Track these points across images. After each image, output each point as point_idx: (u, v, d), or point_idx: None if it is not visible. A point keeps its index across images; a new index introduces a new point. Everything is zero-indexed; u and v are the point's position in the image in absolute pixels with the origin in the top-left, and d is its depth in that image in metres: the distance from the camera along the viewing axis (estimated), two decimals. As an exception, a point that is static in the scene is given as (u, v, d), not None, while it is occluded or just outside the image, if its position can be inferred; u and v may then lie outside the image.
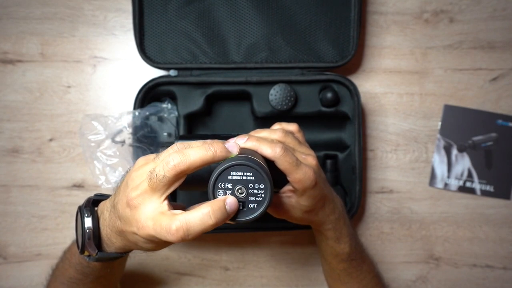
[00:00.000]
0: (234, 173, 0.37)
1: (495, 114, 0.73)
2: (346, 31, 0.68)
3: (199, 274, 0.73)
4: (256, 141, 0.43)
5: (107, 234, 0.44)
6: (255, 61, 0.68)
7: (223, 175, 0.37)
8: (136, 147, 0.65)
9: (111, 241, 0.44)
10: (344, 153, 0.69)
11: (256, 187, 0.37)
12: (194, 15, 0.68)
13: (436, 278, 0.74)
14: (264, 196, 0.37)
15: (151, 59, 0.68)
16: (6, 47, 0.71)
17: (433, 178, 0.74)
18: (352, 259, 0.55)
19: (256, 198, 0.37)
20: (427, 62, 0.73)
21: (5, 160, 0.71)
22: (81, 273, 0.50)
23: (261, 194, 0.37)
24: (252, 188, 0.37)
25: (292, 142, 0.48)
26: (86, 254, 0.45)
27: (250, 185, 0.37)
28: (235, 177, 0.37)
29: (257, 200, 0.37)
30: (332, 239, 0.52)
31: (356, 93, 0.66)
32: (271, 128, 0.50)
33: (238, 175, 0.37)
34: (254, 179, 0.37)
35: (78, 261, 0.49)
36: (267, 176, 0.37)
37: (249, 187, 0.37)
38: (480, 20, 0.73)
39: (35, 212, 0.72)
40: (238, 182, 0.37)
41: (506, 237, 0.74)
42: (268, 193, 0.37)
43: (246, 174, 0.37)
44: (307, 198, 0.46)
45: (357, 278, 0.56)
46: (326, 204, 0.50)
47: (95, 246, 0.43)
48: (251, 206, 0.37)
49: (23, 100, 0.72)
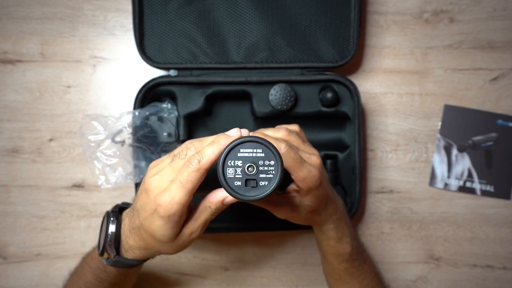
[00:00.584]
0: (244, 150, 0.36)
1: (495, 114, 0.73)
2: (346, 31, 0.68)
3: (199, 274, 0.73)
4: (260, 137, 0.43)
5: (126, 237, 0.47)
6: (255, 61, 0.68)
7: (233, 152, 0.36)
8: (136, 147, 0.65)
9: (129, 244, 0.47)
10: (344, 153, 0.69)
11: (266, 163, 0.37)
12: (194, 15, 0.68)
13: (436, 278, 0.74)
14: (274, 173, 0.37)
15: (151, 59, 0.68)
16: (6, 47, 0.71)
17: (433, 178, 0.74)
18: (353, 259, 0.55)
19: (267, 175, 0.37)
20: (427, 62, 0.73)
21: (5, 160, 0.71)
22: (98, 278, 0.53)
23: (271, 170, 0.37)
24: (262, 165, 0.37)
25: (296, 141, 0.48)
26: (105, 257, 0.48)
27: (260, 161, 0.36)
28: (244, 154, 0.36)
29: (267, 177, 0.37)
30: (334, 239, 0.53)
31: (356, 93, 0.66)
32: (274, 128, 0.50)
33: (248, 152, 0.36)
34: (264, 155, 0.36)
35: (96, 266, 0.52)
36: (277, 151, 0.37)
37: (259, 163, 0.36)
38: (480, 20, 0.73)
39: (35, 212, 0.72)
40: (248, 159, 0.36)
41: (506, 237, 0.74)
42: (278, 169, 0.37)
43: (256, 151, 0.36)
44: (311, 198, 0.46)
45: (358, 278, 0.57)
46: (329, 204, 0.50)
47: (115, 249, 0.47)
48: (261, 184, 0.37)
49: (23, 100, 0.72)
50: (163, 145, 0.66)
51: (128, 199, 0.72)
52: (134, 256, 0.48)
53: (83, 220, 0.72)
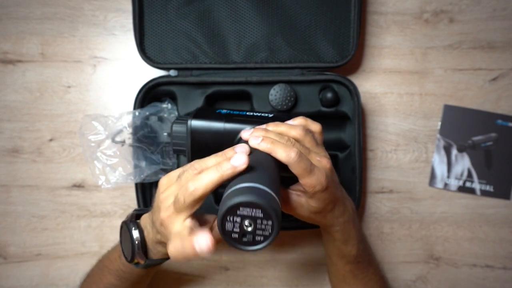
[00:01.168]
0: (243, 209, 0.37)
1: (495, 114, 0.73)
2: (346, 31, 0.68)
3: (199, 274, 0.73)
4: (270, 144, 0.42)
5: (153, 244, 0.48)
6: (255, 61, 0.68)
7: (233, 210, 0.37)
8: (136, 147, 0.65)
9: (157, 249, 0.48)
10: (344, 153, 0.69)
11: (264, 222, 0.37)
12: (194, 15, 0.68)
13: (436, 278, 0.74)
14: (270, 232, 0.38)
15: (151, 59, 0.68)
16: (6, 47, 0.71)
17: (433, 178, 0.74)
18: (358, 261, 0.54)
19: (263, 232, 0.38)
20: (427, 62, 0.73)
21: (5, 160, 0.71)
22: (120, 278, 0.54)
23: (268, 229, 0.37)
24: (260, 224, 0.37)
25: (310, 143, 0.46)
26: (135, 262, 0.50)
27: (258, 220, 0.37)
28: (243, 213, 0.37)
29: (263, 234, 0.38)
30: (340, 240, 0.52)
31: (356, 93, 0.66)
32: (291, 122, 0.49)
33: (247, 211, 0.37)
34: (263, 216, 0.37)
35: (117, 268, 0.54)
36: (275, 213, 0.37)
37: (257, 222, 0.37)
38: (480, 20, 0.73)
39: (35, 212, 0.72)
40: (247, 217, 0.37)
41: (506, 237, 0.74)
42: (274, 230, 0.37)
43: (255, 211, 0.37)
44: (317, 201, 0.45)
45: (362, 280, 0.56)
46: (336, 207, 0.49)
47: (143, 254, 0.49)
48: (257, 239, 0.38)
49: (23, 100, 0.72)
50: (163, 145, 0.66)
51: (128, 199, 0.72)
52: (164, 256, 0.49)
53: (83, 220, 0.72)
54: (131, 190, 0.71)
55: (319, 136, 0.50)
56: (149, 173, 0.64)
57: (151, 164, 0.65)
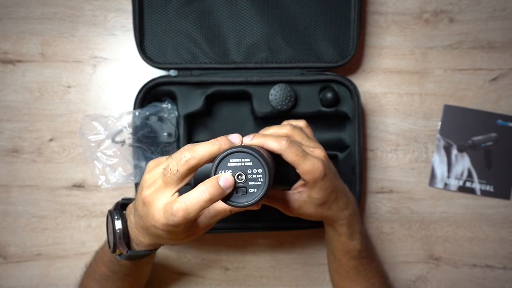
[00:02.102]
0: (233, 160, 0.39)
1: (495, 114, 0.73)
2: (346, 31, 0.68)
3: (199, 274, 0.73)
4: (261, 137, 0.44)
5: (135, 234, 0.48)
6: (255, 61, 0.68)
7: (223, 162, 0.39)
8: (136, 147, 0.65)
9: (139, 240, 0.48)
10: (344, 153, 0.69)
11: (255, 172, 0.39)
12: (194, 15, 0.68)
13: (436, 278, 0.74)
14: (263, 180, 0.39)
15: (151, 59, 0.68)
16: (6, 47, 0.71)
17: (433, 178, 0.74)
18: (362, 256, 0.55)
19: (256, 182, 0.39)
20: (427, 62, 0.73)
21: (5, 160, 0.71)
22: (111, 270, 0.54)
23: (259, 178, 0.39)
24: (251, 173, 0.39)
25: (300, 136, 0.48)
26: (117, 253, 0.50)
27: (248, 170, 0.39)
28: (234, 164, 0.39)
29: (256, 185, 0.39)
30: (345, 235, 0.53)
31: (356, 93, 0.66)
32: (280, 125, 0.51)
33: (236, 162, 0.39)
34: (252, 164, 0.39)
35: (109, 259, 0.53)
36: (264, 160, 0.39)
37: (248, 172, 0.39)
38: (480, 20, 0.73)
39: (35, 212, 0.72)
40: (237, 168, 0.39)
41: (506, 237, 0.74)
42: (266, 176, 0.39)
43: (244, 160, 0.39)
44: (319, 190, 0.46)
45: (365, 276, 0.57)
46: (339, 198, 0.50)
47: (125, 245, 0.48)
48: (251, 191, 0.39)
49: (23, 100, 0.72)
50: (163, 145, 0.66)
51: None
52: (146, 248, 0.49)
53: (83, 220, 0.72)
54: (131, 190, 0.71)
55: (308, 130, 0.52)
56: (149, 173, 0.64)
57: (151, 164, 0.65)
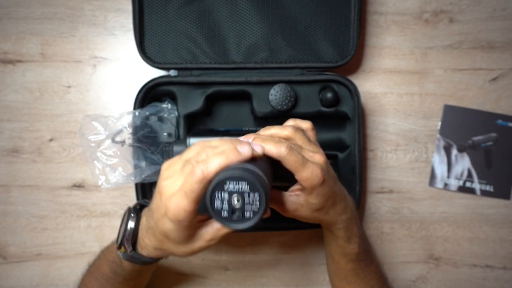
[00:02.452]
0: (230, 183, 0.37)
1: (495, 114, 0.73)
2: (346, 31, 0.68)
3: (199, 274, 0.73)
4: (261, 142, 0.43)
5: (143, 235, 0.48)
6: (255, 61, 0.68)
7: (220, 185, 0.37)
8: (136, 147, 0.65)
9: (145, 242, 0.48)
10: (344, 153, 0.69)
11: (252, 196, 0.38)
12: (194, 15, 0.68)
13: (436, 278, 0.74)
14: (259, 206, 0.38)
15: (151, 59, 0.68)
16: (6, 47, 0.71)
17: (433, 178, 0.74)
18: (360, 259, 0.54)
19: (252, 207, 0.38)
20: (427, 62, 0.73)
21: (5, 160, 0.71)
22: (113, 271, 0.54)
23: (256, 203, 0.38)
24: (248, 198, 0.38)
25: (301, 140, 0.47)
26: (122, 251, 0.50)
27: (245, 194, 0.38)
28: (231, 188, 0.37)
29: (252, 210, 0.38)
30: (343, 238, 0.52)
31: (356, 93, 0.66)
32: (282, 125, 0.49)
33: (233, 186, 0.37)
34: (249, 189, 0.37)
35: (112, 259, 0.54)
36: (262, 186, 0.37)
37: (245, 196, 0.38)
38: (480, 20, 0.73)
39: (35, 212, 0.72)
40: (234, 192, 0.38)
41: (506, 237, 0.74)
42: (262, 203, 0.38)
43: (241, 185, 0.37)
44: (316, 196, 0.45)
45: (364, 278, 0.56)
46: (337, 203, 0.49)
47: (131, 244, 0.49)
48: (247, 215, 0.38)
49: (23, 100, 0.72)
50: (163, 145, 0.66)
51: (129, 199, 0.72)
52: (149, 254, 0.49)
53: (83, 220, 0.72)
54: (131, 190, 0.71)
55: (311, 133, 0.51)
56: (149, 173, 0.64)
57: (151, 164, 0.65)
